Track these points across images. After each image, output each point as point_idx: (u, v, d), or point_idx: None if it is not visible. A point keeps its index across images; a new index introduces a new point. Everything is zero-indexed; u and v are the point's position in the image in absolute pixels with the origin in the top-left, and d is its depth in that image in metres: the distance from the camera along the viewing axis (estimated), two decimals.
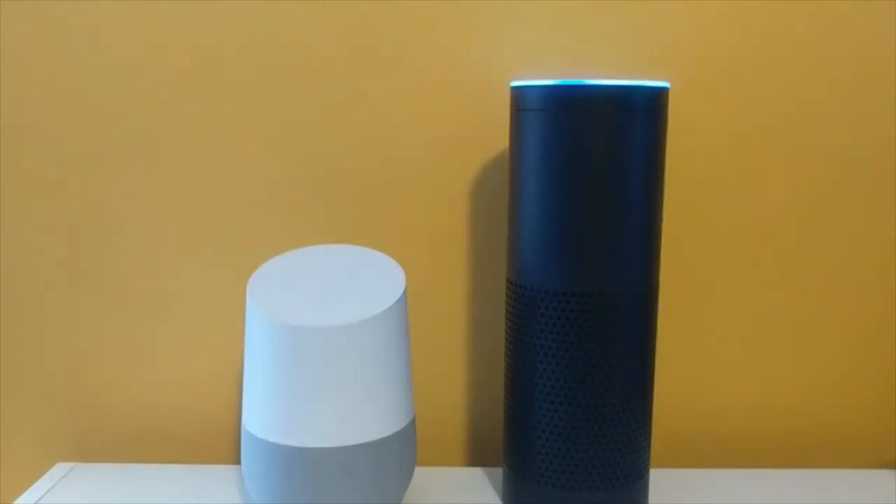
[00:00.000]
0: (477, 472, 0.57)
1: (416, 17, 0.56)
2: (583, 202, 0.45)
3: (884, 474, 0.57)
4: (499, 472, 0.57)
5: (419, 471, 0.57)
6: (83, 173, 0.58)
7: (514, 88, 0.47)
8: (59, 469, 0.57)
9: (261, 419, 0.45)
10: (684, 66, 0.57)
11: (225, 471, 0.57)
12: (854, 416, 0.61)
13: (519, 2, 0.56)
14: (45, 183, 0.58)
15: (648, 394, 0.49)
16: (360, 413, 0.44)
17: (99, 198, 0.58)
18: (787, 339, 0.60)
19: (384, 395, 0.45)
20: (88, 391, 0.60)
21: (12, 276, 0.59)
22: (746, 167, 0.58)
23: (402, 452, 0.47)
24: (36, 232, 0.58)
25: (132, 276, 0.59)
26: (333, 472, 0.44)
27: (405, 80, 0.57)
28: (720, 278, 0.59)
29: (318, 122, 0.57)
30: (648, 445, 0.50)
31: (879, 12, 0.56)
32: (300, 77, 0.57)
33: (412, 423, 0.48)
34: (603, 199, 0.45)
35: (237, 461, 0.62)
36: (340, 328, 0.43)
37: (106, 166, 0.58)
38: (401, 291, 0.46)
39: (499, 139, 0.57)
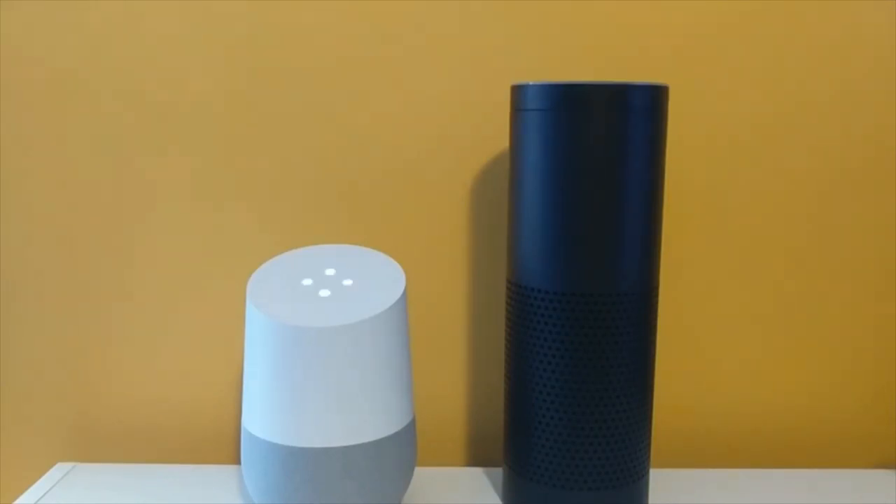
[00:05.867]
0: (477, 472, 0.57)
1: (417, 18, 0.56)
2: (583, 202, 0.45)
3: (884, 474, 0.57)
4: (499, 472, 0.57)
5: (419, 471, 0.57)
6: (83, 172, 0.58)
7: (514, 88, 0.47)
8: (59, 469, 0.57)
9: (261, 419, 0.45)
10: (684, 66, 0.57)
11: (225, 471, 0.57)
12: (854, 416, 0.61)
13: (519, 2, 0.56)
14: (46, 182, 0.58)
15: (648, 394, 0.49)
16: (360, 413, 0.44)
17: (98, 197, 0.58)
18: (787, 338, 0.60)
19: (384, 395, 0.45)
20: (88, 391, 0.60)
21: (12, 275, 0.59)
22: (746, 167, 0.58)
23: (402, 452, 0.47)
24: (36, 231, 0.58)
25: (132, 276, 0.59)
26: (333, 472, 0.44)
27: (405, 80, 0.57)
28: (720, 278, 0.59)
29: (318, 122, 0.57)
30: (648, 445, 0.50)
31: (879, 12, 0.56)
32: (300, 77, 0.57)
33: (412, 423, 0.48)
34: (603, 199, 0.45)
35: (237, 461, 0.62)
36: (340, 328, 0.43)
37: (105, 165, 0.58)
38: (401, 291, 0.46)
39: (499, 139, 0.57)
